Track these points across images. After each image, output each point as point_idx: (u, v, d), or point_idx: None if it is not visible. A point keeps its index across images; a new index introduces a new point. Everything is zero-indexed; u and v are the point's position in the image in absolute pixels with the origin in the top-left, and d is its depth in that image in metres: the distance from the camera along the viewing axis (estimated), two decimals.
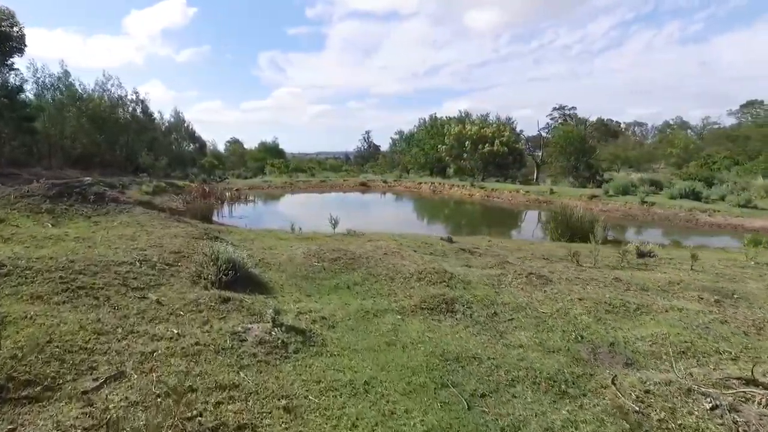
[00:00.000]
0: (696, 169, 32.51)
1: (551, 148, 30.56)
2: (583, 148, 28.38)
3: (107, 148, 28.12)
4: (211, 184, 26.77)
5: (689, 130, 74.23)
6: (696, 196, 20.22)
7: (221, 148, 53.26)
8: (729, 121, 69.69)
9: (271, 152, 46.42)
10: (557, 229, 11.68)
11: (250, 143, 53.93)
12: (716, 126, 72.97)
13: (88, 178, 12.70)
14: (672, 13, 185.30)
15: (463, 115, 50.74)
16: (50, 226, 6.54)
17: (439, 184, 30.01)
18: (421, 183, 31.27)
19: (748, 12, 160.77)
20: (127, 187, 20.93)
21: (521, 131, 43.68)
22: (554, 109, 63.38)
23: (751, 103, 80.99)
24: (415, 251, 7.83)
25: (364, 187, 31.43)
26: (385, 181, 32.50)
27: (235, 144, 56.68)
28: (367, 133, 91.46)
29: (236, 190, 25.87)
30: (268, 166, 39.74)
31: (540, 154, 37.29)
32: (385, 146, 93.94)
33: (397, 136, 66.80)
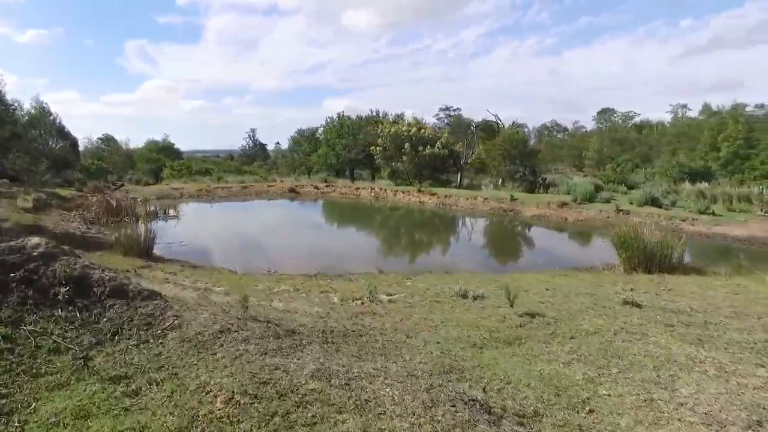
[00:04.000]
0: (611, 172, 34.16)
1: (494, 150, 29.69)
2: (526, 151, 27.90)
3: None
4: (108, 193, 21.04)
5: (562, 133, 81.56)
6: (654, 201, 20.39)
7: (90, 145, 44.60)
8: (590, 126, 78.77)
9: (166, 152, 39.69)
10: (633, 257, 9.86)
11: (121, 140, 45.98)
12: (583, 129, 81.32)
13: None
14: (531, 27, 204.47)
15: (374, 113, 48.87)
16: None
17: (381, 189, 27.42)
18: (359, 188, 28.40)
19: (589, 32, 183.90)
20: None
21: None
22: (440, 109, 64.68)
23: (604, 111, 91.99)
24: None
25: (294, 194, 27.67)
26: (316, 187, 29.01)
27: (111, 142, 47.95)
28: (253, 131, 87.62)
29: (142, 200, 20.59)
30: (167, 168, 33.56)
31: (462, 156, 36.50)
32: (271, 145, 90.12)
33: (296, 135, 63.11)
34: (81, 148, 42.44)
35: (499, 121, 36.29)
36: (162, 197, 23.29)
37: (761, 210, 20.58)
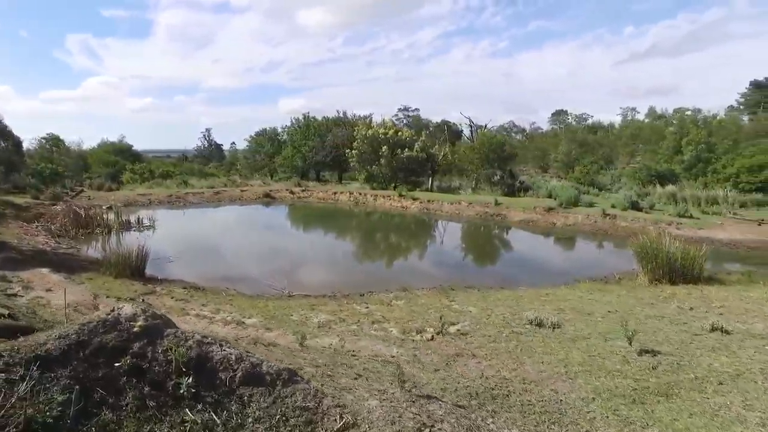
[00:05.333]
0: (580, 174, 34.86)
1: (471, 154, 29.64)
2: (504, 155, 28.03)
3: None
4: (71, 202, 19.29)
5: (520, 134, 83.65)
6: (635, 205, 20.85)
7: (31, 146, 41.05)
8: (545, 126, 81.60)
9: (123, 154, 37.19)
10: (657, 269, 9.75)
11: (72, 141, 42.66)
12: (540, 130, 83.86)
13: None
14: (485, 30, 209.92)
15: (341, 114, 48.04)
16: None
17: (361, 194, 26.76)
18: (336, 193, 27.61)
19: (540, 36, 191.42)
20: None
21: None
22: (399, 110, 64.79)
23: (559, 112, 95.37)
24: None
25: (269, 199, 26.56)
26: (291, 192, 27.99)
27: (58, 142, 44.42)
28: (208, 131, 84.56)
29: (110, 209, 19.00)
30: (128, 172, 31.40)
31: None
32: (227, 145, 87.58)
33: (258, 135, 61.22)
34: (35, 146, 39.41)
35: (471, 124, 36.31)
36: (129, 204, 21.66)
37: (730, 212, 21.47)
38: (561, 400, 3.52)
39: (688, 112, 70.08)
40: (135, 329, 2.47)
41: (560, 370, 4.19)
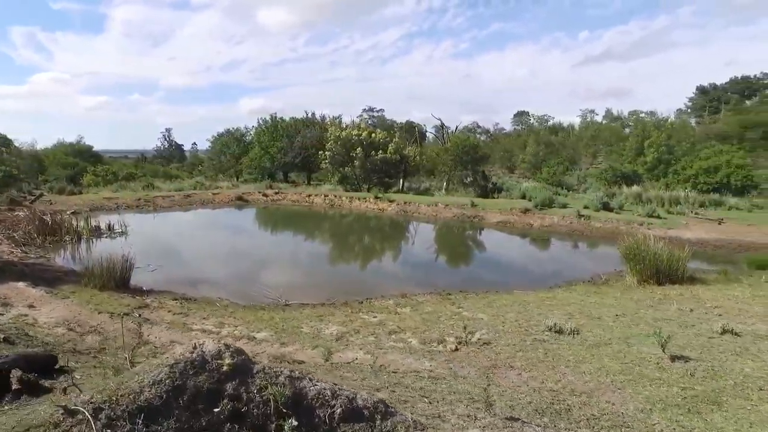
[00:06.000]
0: (547, 175, 35.81)
1: (444, 155, 29.90)
2: (477, 156, 28.42)
3: None
4: (34, 207, 18.18)
5: (484, 135, 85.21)
6: (606, 206, 21.55)
7: None
8: (508, 127, 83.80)
9: (83, 156, 35.38)
10: (645, 270, 10.08)
11: (24, 141, 40.27)
12: (504, 131, 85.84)
13: None
14: (446, 31, 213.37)
15: (309, 115, 47.47)
16: None
17: (336, 196, 26.52)
18: (311, 195, 27.25)
19: (500, 38, 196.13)
20: None
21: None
22: (364, 110, 64.96)
23: (520, 113, 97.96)
24: None
25: (242, 202, 25.92)
26: (264, 194, 27.42)
27: (7, 141, 41.78)
28: (168, 131, 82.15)
29: (72, 213, 18.03)
30: (89, 174, 29.90)
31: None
32: (188, 145, 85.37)
33: (224, 135, 59.70)
34: None
35: (442, 126, 36.67)
36: (96, 209, 20.64)
37: (692, 212, 22.53)
38: (621, 413, 3.54)
39: (643, 115, 73.48)
40: (224, 368, 2.27)
41: (603, 379, 4.23)
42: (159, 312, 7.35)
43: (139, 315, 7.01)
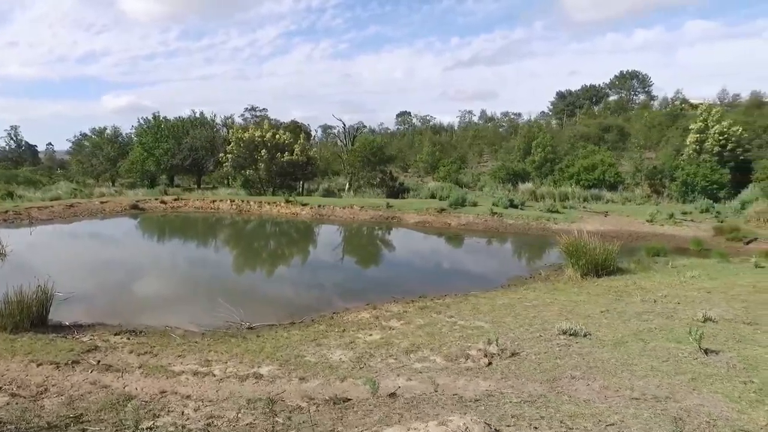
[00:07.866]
0: (445, 174, 37.41)
1: (351, 157, 29.60)
2: (384, 157, 28.62)
3: None
4: None
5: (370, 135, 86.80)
6: (511, 203, 23.03)
7: None
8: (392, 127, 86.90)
9: None
10: (586, 266, 10.82)
11: None
12: (389, 130, 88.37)
13: None
14: (325, 31, 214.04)
15: (197, 115, 44.05)
16: None
17: (243, 201, 24.78)
18: (215, 201, 25.13)
19: (377, 40, 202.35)
20: None
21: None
22: (246, 109, 62.93)
23: (403, 113, 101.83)
24: None
25: (137, 211, 23.02)
26: (162, 201, 24.66)
27: None
28: (14, 128, 71.00)
29: None
30: None
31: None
32: (41, 146, 75.22)
33: (94, 135, 52.94)
34: None
35: (344, 126, 36.40)
36: None
37: (580, 206, 25.05)
38: (726, 416, 3.52)
39: (513, 116, 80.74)
40: None
41: (672, 381, 4.25)
42: (116, 354, 6.00)
43: (98, 362, 5.63)
